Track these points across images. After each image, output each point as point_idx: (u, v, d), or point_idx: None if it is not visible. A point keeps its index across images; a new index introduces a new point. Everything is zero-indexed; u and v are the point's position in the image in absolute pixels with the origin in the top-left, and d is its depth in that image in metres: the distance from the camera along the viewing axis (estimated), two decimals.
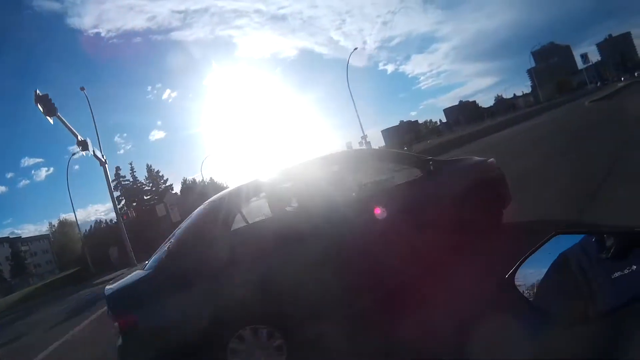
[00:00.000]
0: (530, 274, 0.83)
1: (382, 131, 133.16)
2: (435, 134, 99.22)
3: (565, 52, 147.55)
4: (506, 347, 1.84)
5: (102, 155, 19.15)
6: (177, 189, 51.25)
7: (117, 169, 48.89)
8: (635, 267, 0.67)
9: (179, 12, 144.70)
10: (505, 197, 3.81)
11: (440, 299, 2.66)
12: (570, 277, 0.75)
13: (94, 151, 18.29)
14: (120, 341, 2.37)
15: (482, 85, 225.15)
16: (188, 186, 51.78)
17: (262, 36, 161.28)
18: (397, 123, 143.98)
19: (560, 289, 0.79)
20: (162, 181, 51.44)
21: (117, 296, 2.53)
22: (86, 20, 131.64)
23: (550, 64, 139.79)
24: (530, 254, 0.83)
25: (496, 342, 1.92)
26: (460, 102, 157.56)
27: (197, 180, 51.08)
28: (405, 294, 2.94)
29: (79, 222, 34.69)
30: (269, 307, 2.52)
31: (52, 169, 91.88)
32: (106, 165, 19.47)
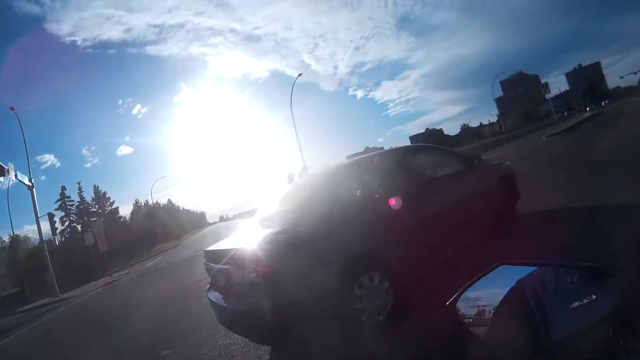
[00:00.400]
0: (473, 301, 0.83)
1: (347, 157, 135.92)
2: None
3: (533, 82, 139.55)
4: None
5: (30, 179, 16.96)
6: (128, 210, 48.29)
7: (63, 188, 45.47)
8: (595, 297, 0.69)
9: (155, 26, 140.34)
10: (518, 191, 4.68)
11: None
12: (524, 306, 0.75)
13: (15, 175, 16.17)
14: (260, 286, 2.43)
15: (450, 113, 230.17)
16: (139, 208, 48.06)
17: (235, 56, 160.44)
18: (362, 149, 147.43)
19: (512, 318, 0.78)
20: (108, 203, 49.18)
21: (259, 247, 2.59)
22: (64, 26, 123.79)
23: (518, 93, 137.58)
24: (473, 282, 0.84)
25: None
26: (427, 129, 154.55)
27: (149, 202, 48.48)
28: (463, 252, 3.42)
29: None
30: (379, 259, 2.85)
31: None
32: (34, 189, 17.17)
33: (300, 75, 29.38)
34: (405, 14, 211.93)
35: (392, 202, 3.19)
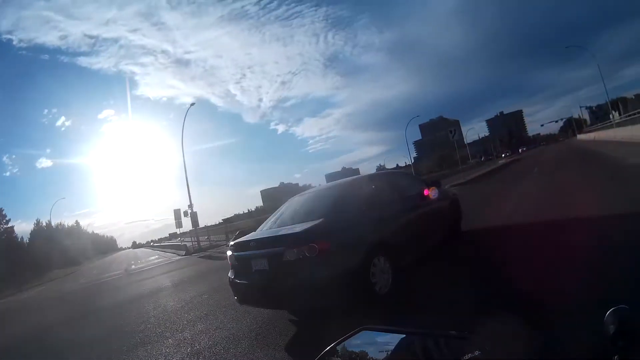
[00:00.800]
0: None
1: (262, 191, 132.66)
2: None
3: (453, 126, 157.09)
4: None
5: None
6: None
7: None
8: None
9: (91, 37, 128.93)
10: (461, 212, 6.15)
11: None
12: None
13: None
14: (315, 260, 3.23)
15: (369, 154, 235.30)
16: (40, 228, 42.25)
17: (164, 78, 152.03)
18: (277, 184, 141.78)
19: None
20: (4, 221, 44.82)
21: (314, 230, 3.39)
22: (3, 22, 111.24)
23: (437, 137, 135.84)
24: (335, 345, 0.84)
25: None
26: (343, 168, 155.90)
27: (51, 223, 43.24)
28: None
29: None
30: (384, 247, 3.84)
31: None
32: None
33: (193, 104, 25.86)
34: (335, 53, 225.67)
35: (390, 207, 4.30)
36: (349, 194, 4.38)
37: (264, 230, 4.38)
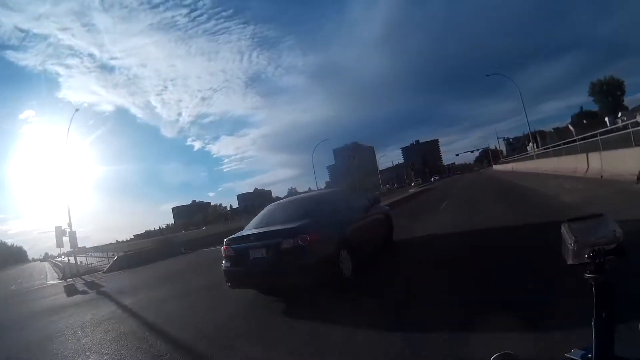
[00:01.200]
0: None
1: (173, 208, 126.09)
2: (224, 219, 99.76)
3: (368, 153, 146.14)
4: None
5: None
6: None
7: None
8: None
9: (22, 30, 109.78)
10: (392, 225, 7.94)
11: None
12: None
13: None
14: (306, 248, 4.52)
15: (283, 176, 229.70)
16: None
17: (87, 82, 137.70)
18: (189, 202, 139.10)
19: None
20: None
21: (306, 226, 4.66)
22: None
23: (351, 163, 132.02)
24: None
25: None
26: (256, 189, 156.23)
27: None
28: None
29: None
30: (347, 243, 5.27)
31: None
32: None
33: (77, 110, 22.50)
34: (257, 73, 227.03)
35: (348, 215, 5.82)
36: (323, 202, 5.82)
37: (252, 229, 5.49)
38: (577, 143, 16.57)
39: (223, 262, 5.27)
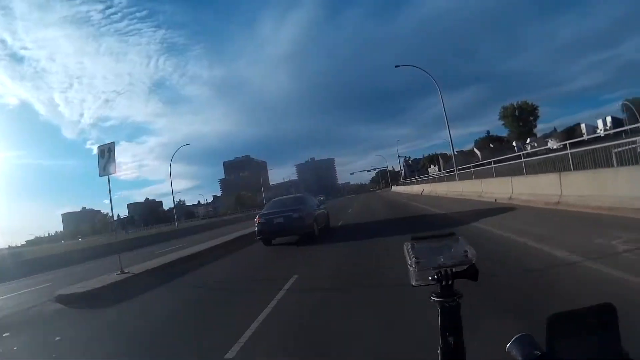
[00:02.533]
0: None
1: (63, 214, 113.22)
2: (112, 229, 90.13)
3: (260, 168, 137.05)
4: None
5: None
6: None
7: None
8: None
9: None
10: (329, 216, 14.08)
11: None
12: None
13: None
14: (303, 218, 10.31)
15: (179, 187, 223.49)
16: None
17: None
18: (80, 209, 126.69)
19: None
20: None
21: (301, 210, 10.45)
22: None
23: (242, 176, 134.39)
24: None
25: None
26: (146, 199, 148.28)
27: None
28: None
29: None
30: (315, 219, 11.23)
31: None
32: None
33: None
34: (162, 79, 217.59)
35: (314, 207, 11.77)
36: (303, 200, 11.66)
37: (270, 210, 10.99)
38: (492, 166, 15.63)
39: (256, 226, 10.61)
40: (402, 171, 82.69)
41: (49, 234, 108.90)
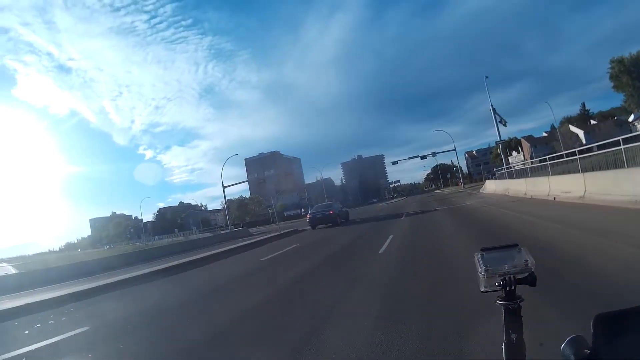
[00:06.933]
0: None
1: (91, 219, 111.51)
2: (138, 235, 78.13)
3: (292, 165, 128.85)
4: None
5: None
6: None
7: None
8: None
9: None
10: (349, 214, 22.51)
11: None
12: None
13: None
14: (335, 214, 18.83)
15: (230, 190, 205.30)
16: None
17: (43, 82, 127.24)
18: (109, 214, 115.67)
19: None
20: None
21: (332, 209, 19.17)
22: None
23: (267, 176, 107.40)
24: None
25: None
26: (181, 203, 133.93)
27: None
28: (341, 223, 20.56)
29: None
30: (340, 214, 19.87)
31: None
32: None
33: None
34: (211, 85, 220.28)
35: (339, 209, 20.20)
36: (333, 205, 20.24)
37: (317, 210, 19.61)
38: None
39: (307, 218, 19.15)
40: (462, 167, 68.08)
41: (76, 239, 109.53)
